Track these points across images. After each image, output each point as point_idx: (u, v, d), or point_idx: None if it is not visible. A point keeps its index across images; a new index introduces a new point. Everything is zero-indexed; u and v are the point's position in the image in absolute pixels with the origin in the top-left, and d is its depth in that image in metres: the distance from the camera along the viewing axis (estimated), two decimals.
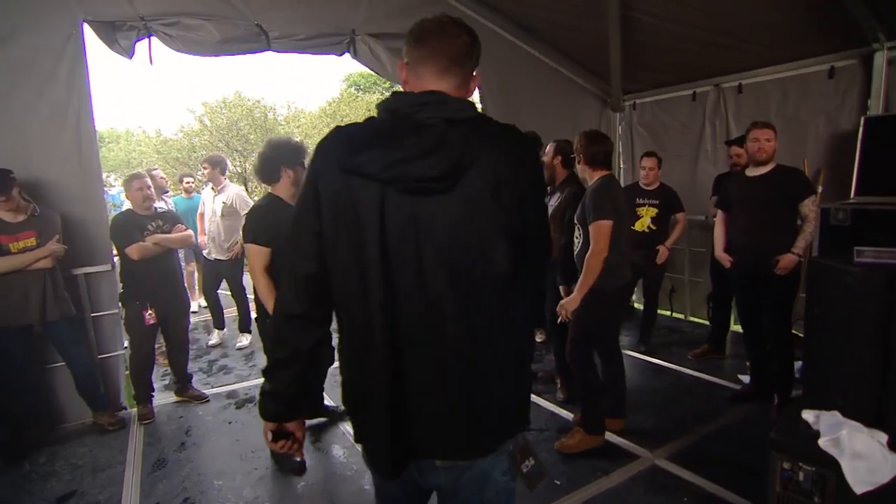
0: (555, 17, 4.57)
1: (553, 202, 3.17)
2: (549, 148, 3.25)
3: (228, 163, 5.01)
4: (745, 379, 3.56)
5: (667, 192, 4.08)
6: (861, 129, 3.58)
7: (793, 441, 1.79)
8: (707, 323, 4.73)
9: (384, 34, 3.98)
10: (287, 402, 1.15)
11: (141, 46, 3.22)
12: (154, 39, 3.20)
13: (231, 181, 5.43)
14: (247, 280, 5.12)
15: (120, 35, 3.15)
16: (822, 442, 1.73)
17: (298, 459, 2.68)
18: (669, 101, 5.08)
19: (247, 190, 11.51)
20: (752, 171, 3.03)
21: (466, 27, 1.12)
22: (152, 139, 12.11)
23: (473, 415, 1.05)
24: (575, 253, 2.72)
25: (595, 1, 4.14)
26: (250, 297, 4.94)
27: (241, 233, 4.64)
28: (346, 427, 3.10)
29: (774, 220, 2.92)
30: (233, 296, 4.82)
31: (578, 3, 4.28)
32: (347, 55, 4.05)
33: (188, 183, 5.68)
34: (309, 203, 1.04)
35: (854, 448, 1.67)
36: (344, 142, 1.03)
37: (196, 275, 5.75)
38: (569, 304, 2.61)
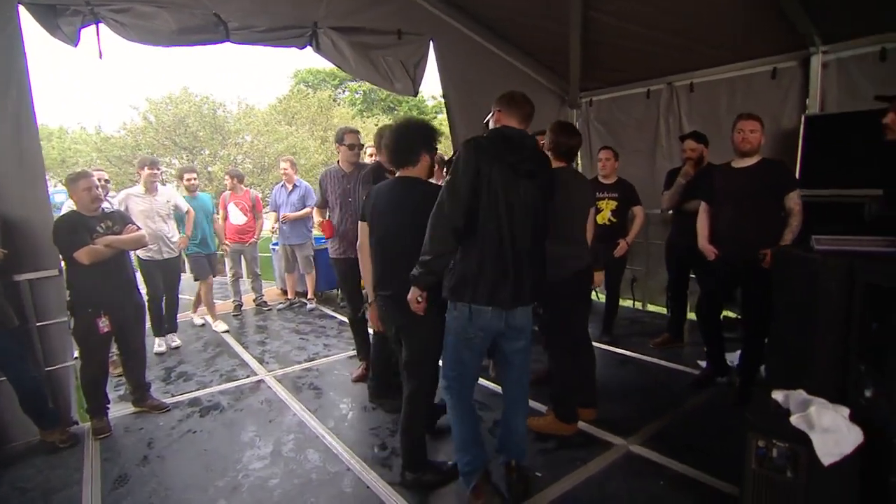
0: (516, 16, 4.63)
1: None
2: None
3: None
4: (705, 365, 3.74)
5: (625, 186, 4.21)
6: (802, 127, 3.84)
7: (766, 420, 1.89)
8: (665, 312, 4.95)
9: (348, 28, 3.90)
10: (438, 277, 2.12)
11: (88, 35, 3.00)
12: (103, 27, 2.99)
13: (180, 180, 5.22)
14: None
15: (62, 20, 2.92)
16: (793, 419, 1.82)
17: None
18: (625, 99, 5.26)
19: None
20: (737, 163, 3.07)
21: (531, 101, 2.25)
22: (91, 136, 11.27)
23: (536, 283, 2.21)
24: None
25: (558, 2, 4.22)
26: (182, 296, 4.91)
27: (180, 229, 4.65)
28: (321, 430, 3.03)
29: (759, 212, 2.94)
30: (166, 294, 4.59)
31: (541, 3, 4.34)
32: (309, 49, 3.94)
33: (191, 179, 5.15)
34: (471, 172, 2.02)
35: (822, 423, 1.78)
36: (493, 145, 2.10)
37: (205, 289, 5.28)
38: None
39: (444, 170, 3.30)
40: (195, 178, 5.26)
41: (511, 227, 2.08)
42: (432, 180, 2.62)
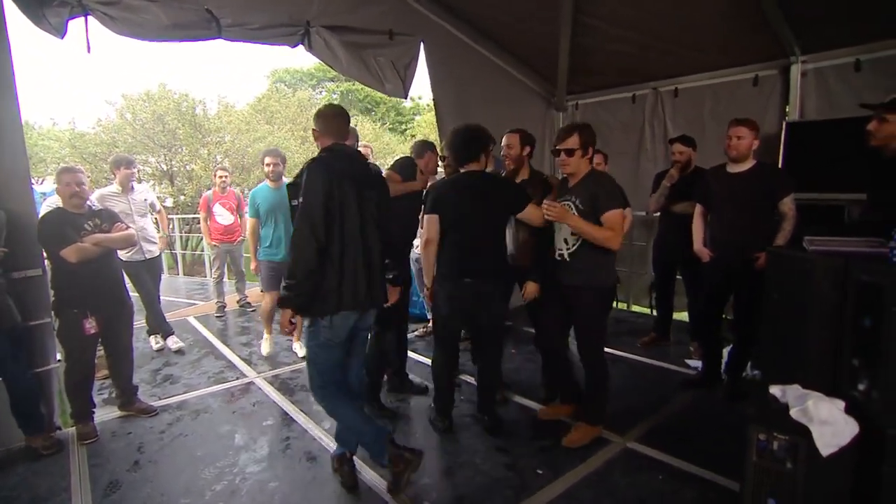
0: (507, 19, 4.68)
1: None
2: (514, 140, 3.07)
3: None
4: (692, 363, 3.84)
5: None
6: (783, 133, 3.98)
7: (767, 414, 1.95)
8: (649, 312, 5.05)
9: (340, 27, 3.87)
10: (308, 297, 2.18)
11: (74, 27, 2.90)
12: (91, 20, 2.89)
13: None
14: None
15: (49, 11, 2.80)
16: (793, 412, 1.89)
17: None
18: (610, 103, 5.36)
19: (172, 186, 10.72)
20: (732, 168, 3.12)
21: (345, 113, 2.40)
22: (65, 133, 10.79)
23: (383, 284, 2.45)
24: (568, 251, 2.68)
25: (549, 5, 4.28)
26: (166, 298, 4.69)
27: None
28: (318, 432, 2.99)
29: (754, 216, 3.00)
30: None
31: (533, 7, 4.40)
32: (287, 48, 3.86)
33: (273, 165, 4.20)
34: (324, 192, 2.13)
35: (820, 416, 1.85)
36: (334, 162, 2.22)
37: None
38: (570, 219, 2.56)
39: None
40: (279, 164, 4.25)
41: (363, 238, 2.26)
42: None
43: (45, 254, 2.90)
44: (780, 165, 3.91)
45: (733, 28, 3.99)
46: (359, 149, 2.74)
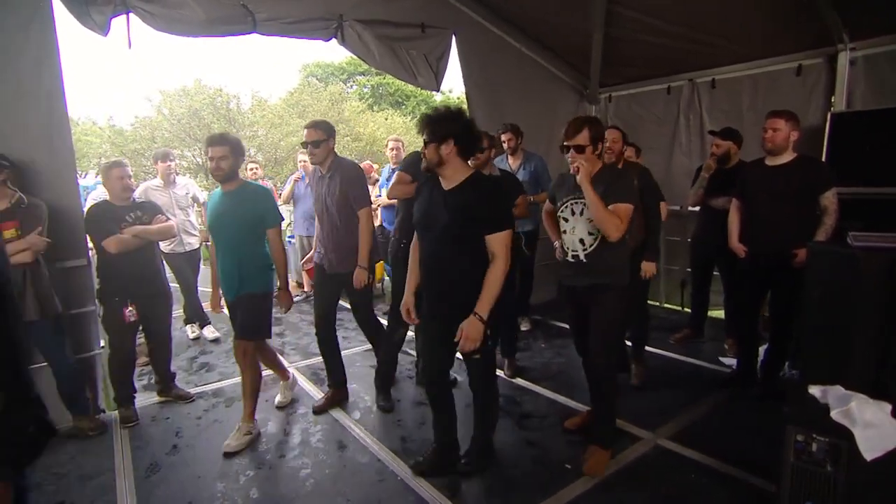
0: (537, 10, 4.61)
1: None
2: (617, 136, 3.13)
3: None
4: (726, 361, 3.74)
5: None
6: (828, 124, 3.81)
7: (806, 414, 1.89)
8: (680, 309, 4.95)
9: (373, 21, 3.90)
10: None
11: (117, 24, 3.01)
12: (133, 17, 2.99)
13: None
14: None
15: (93, 9, 2.92)
16: (834, 414, 1.83)
17: None
18: (645, 95, 5.23)
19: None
20: (771, 161, 3.00)
21: None
22: (104, 129, 11.24)
23: None
24: (585, 251, 2.54)
25: None
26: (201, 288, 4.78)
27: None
28: (347, 421, 3.05)
29: (794, 210, 2.89)
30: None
31: None
32: (321, 42, 3.91)
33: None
34: None
35: (864, 418, 1.78)
36: None
37: None
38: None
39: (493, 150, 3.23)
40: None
41: None
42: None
43: (91, 244, 3.03)
44: (823, 158, 3.76)
45: (775, 16, 3.83)
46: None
